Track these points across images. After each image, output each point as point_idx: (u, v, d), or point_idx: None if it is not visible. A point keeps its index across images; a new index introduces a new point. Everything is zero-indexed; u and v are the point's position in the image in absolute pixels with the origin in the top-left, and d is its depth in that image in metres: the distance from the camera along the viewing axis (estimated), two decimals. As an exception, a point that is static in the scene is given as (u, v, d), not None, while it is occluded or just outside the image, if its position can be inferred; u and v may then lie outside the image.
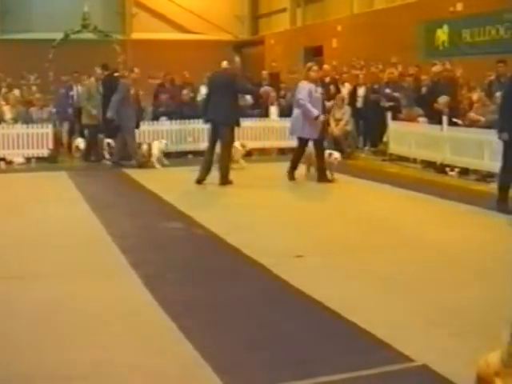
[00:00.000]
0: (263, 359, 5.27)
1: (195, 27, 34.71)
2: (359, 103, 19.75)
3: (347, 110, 18.54)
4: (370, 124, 19.15)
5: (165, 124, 18.97)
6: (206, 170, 13.88)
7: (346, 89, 20.45)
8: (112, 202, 12.39)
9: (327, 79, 19.56)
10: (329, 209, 11.40)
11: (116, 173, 15.96)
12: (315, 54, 28.39)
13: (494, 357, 1.60)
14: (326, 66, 21.17)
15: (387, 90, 18.41)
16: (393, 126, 17.01)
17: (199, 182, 13.82)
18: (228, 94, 13.51)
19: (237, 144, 15.37)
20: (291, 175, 14.08)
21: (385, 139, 17.62)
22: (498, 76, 16.41)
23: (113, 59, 20.20)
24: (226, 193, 13.21)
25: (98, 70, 18.67)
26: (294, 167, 14.14)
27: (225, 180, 13.66)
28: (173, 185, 14.06)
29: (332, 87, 19.54)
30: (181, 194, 12.87)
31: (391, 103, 18.13)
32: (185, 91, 19.90)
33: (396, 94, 17.83)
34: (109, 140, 17.54)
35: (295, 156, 14.25)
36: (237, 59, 14.63)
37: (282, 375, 4.92)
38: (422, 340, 5.72)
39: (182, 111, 19.10)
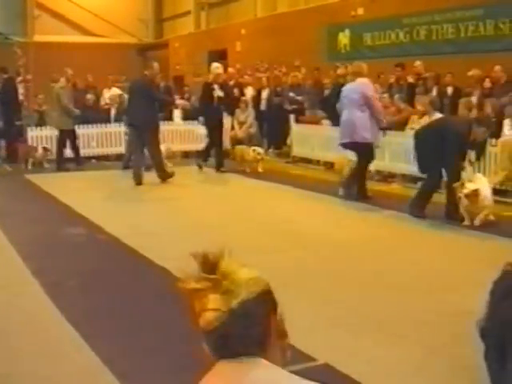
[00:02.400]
0: (162, 362, 5.26)
1: (99, 30, 34.25)
2: (263, 106, 19.87)
3: (251, 112, 18.66)
4: (274, 126, 19.28)
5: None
6: (138, 172, 14.34)
7: (249, 92, 20.55)
8: (12, 208, 12.12)
9: (231, 82, 19.62)
10: (232, 210, 11.44)
11: (16, 178, 15.63)
12: (219, 57, 28.33)
13: None
14: (230, 69, 21.26)
15: (291, 94, 18.60)
16: (296, 128, 17.20)
17: (139, 183, 14.27)
18: (146, 99, 14.05)
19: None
20: None
21: (288, 142, 17.80)
22: (398, 79, 16.80)
23: (13, 62, 19.77)
24: (128, 197, 13.12)
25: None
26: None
27: (164, 175, 14.39)
28: (73, 190, 13.87)
29: (236, 90, 19.62)
30: (82, 199, 12.69)
31: (294, 106, 18.32)
32: (88, 95, 19.65)
33: (299, 98, 18.03)
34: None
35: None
36: (155, 65, 14.67)
37: (181, 379, 4.92)
38: (323, 339, 5.81)
39: (85, 116, 18.82)
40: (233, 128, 18.59)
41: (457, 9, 17.43)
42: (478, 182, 10.03)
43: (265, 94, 19.86)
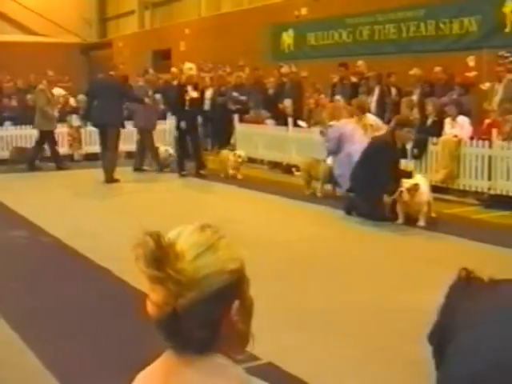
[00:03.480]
0: (107, 365, 5.23)
1: (42, 29, 33.80)
2: (207, 106, 19.79)
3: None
4: (218, 126, 19.24)
5: (9, 129, 18.45)
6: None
7: (209, 93, 20.45)
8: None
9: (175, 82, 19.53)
10: (176, 211, 11.37)
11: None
12: (164, 57, 28.31)
13: None
14: (173, 69, 21.19)
15: (234, 93, 18.60)
16: (240, 128, 17.22)
17: (112, 181, 14.54)
18: (115, 98, 14.54)
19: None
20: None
21: (232, 141, 17.79)
22: (341, 79, 16.93)
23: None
24: (70, 199, 12.99)
25: None
26: None
27: (111, 178, 14.50)
28: (15, 191, 13.70)
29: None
30: (24, 200, 12.52)
31: (238, 106, 18.34)
32: (28, 95, 19.38)
33: (242, 98, 18.04)
34: None
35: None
36: (121, 66, 14.77)
37: (125, 381, 4.88)
38: (268, 339, 5.81)
39: (27, 116, 18.57)
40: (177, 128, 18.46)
41: (399, 9, 17.63)
42: (418, 180, 10.25)
43: (209, 93, 19.80)
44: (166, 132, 19.07)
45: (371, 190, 10.54)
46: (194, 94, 15.22)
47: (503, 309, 3.19)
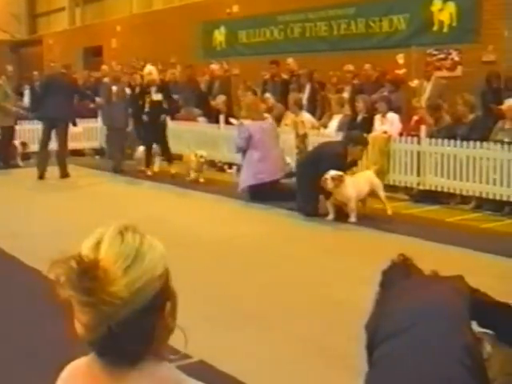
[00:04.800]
0: (37, 365, 5.12)
1: (-32, 25, 33.21)
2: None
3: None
4: (151, 124, 19.01)
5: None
6: (44, 165, 14.73)
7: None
8: None
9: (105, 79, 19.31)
10: (109, 211, 11.23)
11: None
12: (95, 54, 28.05)
13: None
14: (104, 67, 20.96)
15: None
16: (171, 125, 17.08)
17: (41, 177, 14.59)
18: (68, 95, 14.86)
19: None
20: None
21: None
22: (272, 76, 16.96)
23: None
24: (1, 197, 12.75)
25: None
26: None
27: (65, 172, 14.79)
28: None
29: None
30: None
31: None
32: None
33: (175, 96, 17.88)
34: None
35: None
36: (52, 64, 14.65)
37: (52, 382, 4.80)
38: (199, 336, 5.75)
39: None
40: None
41: (330, 7, 17.77)
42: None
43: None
44: (97, 130, 18.85)
45: (311, 189, 10.60)
46: (157, 97, 14.96)
47: (428, 317, 3.22)
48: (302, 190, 10.87)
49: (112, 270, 1.56)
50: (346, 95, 15.03)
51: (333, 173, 10.06)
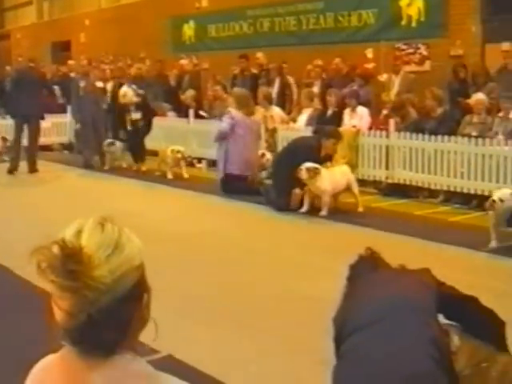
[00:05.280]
0: (8, 363, 5.07)
1: None
2: (108, 98, 19.48)
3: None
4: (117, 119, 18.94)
5: None
6: (17, 160, 14.78)
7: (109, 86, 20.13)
8: None
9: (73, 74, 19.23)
10: (77, 205, 11.15)
11: None
12: (63, 48, 27.85)
13: None
14: (70, 62, 20.84)
15: (133, 86, 18.31)
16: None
17: (11, 171, 14.62)
18: (37, 89, 14.84)
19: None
20: None
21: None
22: (242, 70, 16.94)
23: None
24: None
25: None
26: None
27: (34, 168, 14.75)
28: None
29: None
30: None
31: (138, 98, 18.08)
32: None
33: (140, 91, 17.78)
34: None
35: None
36: (20, 59, 14.53)
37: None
38: (167, 330, 5.72)
39: None
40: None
41: (298, 2, 17.82)
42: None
43: (109, 86, 19.48)
44: (66, 125, 18.70)
45: (285, 183, 10.62)
46: (136, 116, 14.86)
47: (395, 310, 3.24)
48: (277, 184, 10.88)
49: (95, 255, 1.58)
50: (315, 89, 15.05)
51: (309, 164, 10.11)
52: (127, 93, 14.97)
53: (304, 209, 10.47)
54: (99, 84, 16.58)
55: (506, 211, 8.24)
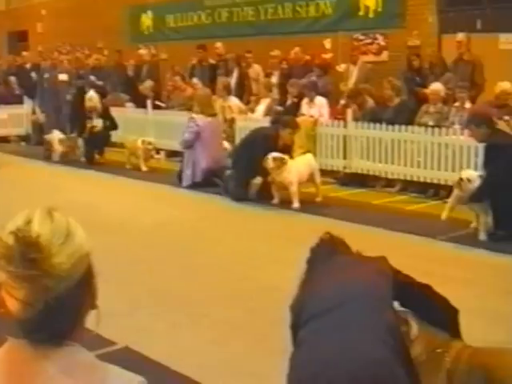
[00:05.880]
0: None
1: None
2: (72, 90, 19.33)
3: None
4: (76, 110, 18.74)
5: None
6: None
7: (63, 77, 19.91)
8: None
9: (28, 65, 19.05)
10: (34, 197, 11.01)
11: None
12: (20, 39, 27.48)
13: None
14: (24, 53, 20.61)
15: (91, 77, 18.20)
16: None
17: None
18: None
19: None
20: None
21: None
22: (200, 60, 16.89)
23: None
24: None
25: None
26: None
27: None
28: None
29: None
30: None
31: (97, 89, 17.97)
32: None
33: (99, 83, 17.68)
34: None
35: None
36: None
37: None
38: (124, 322, 5.74)
39: None
40: (34, 112, 17.98)
41: (256, -8, 17.77)
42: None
43: (66, 76, 19.30)
44: (23, 116, 18.52)
45: (244, 172, 10.68)
46: (97, 123, 14.67)
47: (351, 300, 3.25)
48: (236, 175, 10.87)
49: (52, 243, 1.60)
50: (274, 80, 15.06)
51: (275, 154, 10.11)
52: (93, 97, 14.75)
53: (275, 200, 10.47)
54: (63, 77, 16.39)
55: (471, 190, 8.38)
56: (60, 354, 1.65)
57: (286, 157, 10.24)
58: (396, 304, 3.49)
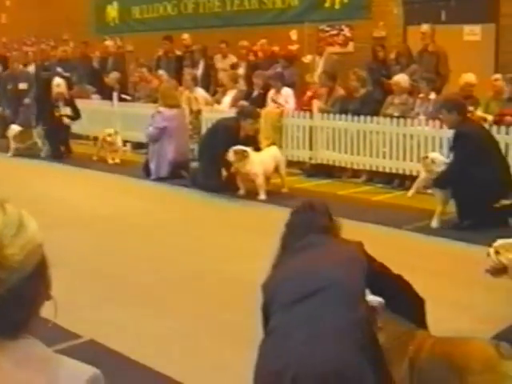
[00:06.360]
0: None
1: None
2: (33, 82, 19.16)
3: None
4: (43, 102, 18.58)
5: None
6: None
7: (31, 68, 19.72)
8: None
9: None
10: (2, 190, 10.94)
11: None
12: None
13: None
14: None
15: (58, 69, 18.04)
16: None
17: None
18: None
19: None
20: None
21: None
22: (166, 52, 16.81)
23: None
24: None
25: None
26: None
27: None
28: None
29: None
30: None
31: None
32: None
33: (66, 74, 17.54)
34: None
35: None
36: None
37: None
38: (90, 315, 5.72)
39: None
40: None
41: (223, -17, 17.73)
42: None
43: (31, 68, 19.15)
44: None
45: (209, 164, 10.66)
46: (65, 111, 14.47)
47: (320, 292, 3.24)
48: (204, 166, 10.86)
49: (3, 235, 1.60)
50: (240, 71, 15.04)
51: (237, 147, 10.11)
52: (61, 83, 14.58)
53: (241, 192, 10.48)
54: (23, 86, 16.27)
55: (435, 173, 8.45)
56: (15, 348, 1.64)
57: (247, 149, 10.22)
58: (367, 291, 3.52)
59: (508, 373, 3.28)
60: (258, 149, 10.79)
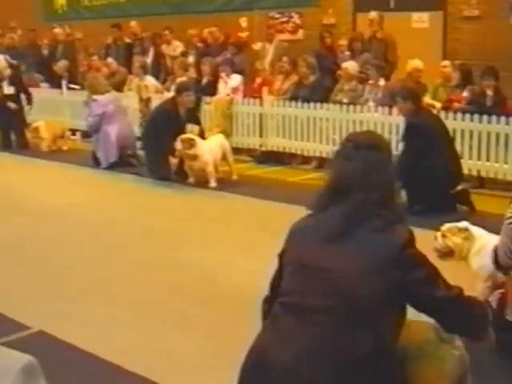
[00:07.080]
0: None
1: None
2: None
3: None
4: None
5: None
6: None
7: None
8: None
9: None
10: None
11: None
12: None
13: None
14: None
15: (7, 56, 17.78)
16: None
17: None
18: None
19: None
20: None
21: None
22: (115, 40, 16.69)
23: None
24: None
25: None
26: None
27: None
28: None
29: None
30: None
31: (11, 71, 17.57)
32: None
33: (14, 62, 17.28)
34: None
35: None
36: None
37: None
38: (38, 306, 5.67)
39: None
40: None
41: (171, -30, 17.63)
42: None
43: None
44: None
45: (155, 152, 10.61)
46: (9, 91, 14.13)
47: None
48: (151, 155, 10.82)
49: None
50: (190, 59, 14.99)
51: (183, 136, 10.08)
52: (0, 62, 14.27)
53: (191, 180, 10.44)
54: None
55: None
56: None
57: (194, 137, 10.19)
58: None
59: (446, 356, 3.24)
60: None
